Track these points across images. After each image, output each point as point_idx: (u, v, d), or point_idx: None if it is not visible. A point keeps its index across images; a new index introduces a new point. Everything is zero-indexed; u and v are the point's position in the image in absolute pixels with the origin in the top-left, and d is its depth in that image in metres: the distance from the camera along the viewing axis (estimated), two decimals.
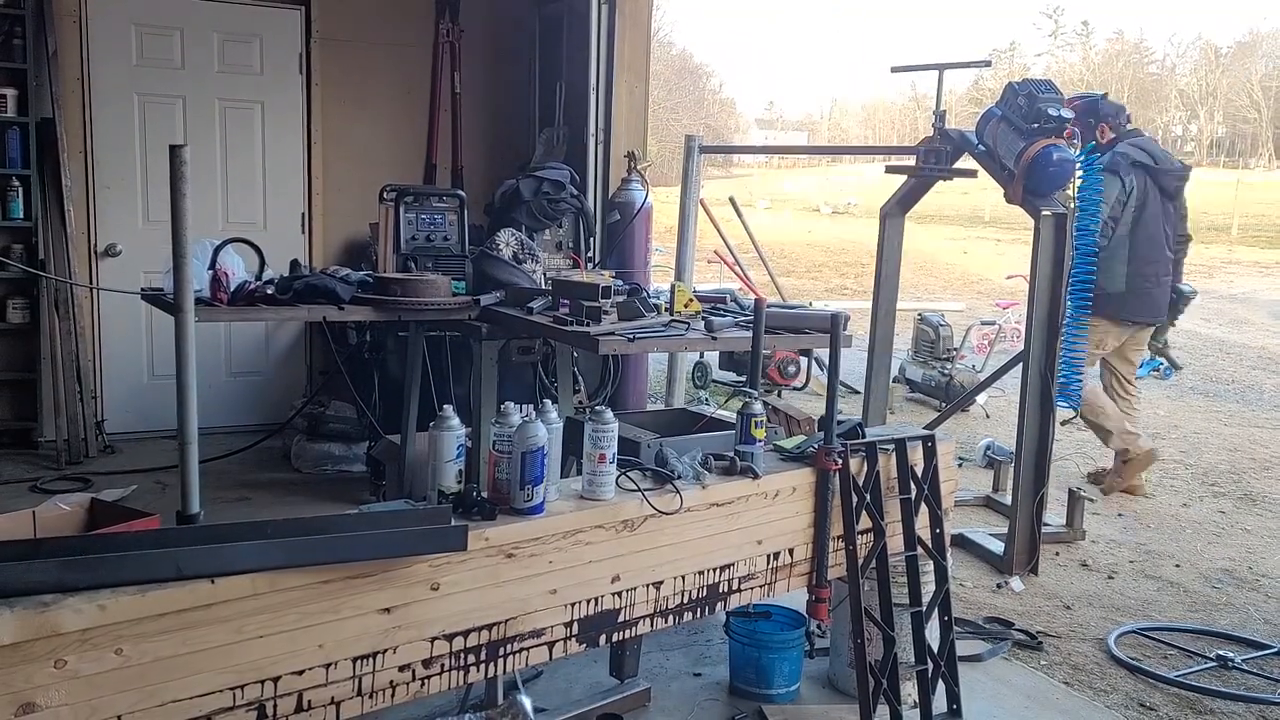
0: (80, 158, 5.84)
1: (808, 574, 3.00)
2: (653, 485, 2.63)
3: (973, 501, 5.68)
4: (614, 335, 3.71)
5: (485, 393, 4.11)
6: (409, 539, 2.15)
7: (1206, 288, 17.22)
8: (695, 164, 6.12)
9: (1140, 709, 3.52)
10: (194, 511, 3.01)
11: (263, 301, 3.92)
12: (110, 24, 5.86)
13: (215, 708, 1.98)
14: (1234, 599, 4.56)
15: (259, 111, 6.28)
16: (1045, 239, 4.53)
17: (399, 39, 6.52)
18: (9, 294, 5.73)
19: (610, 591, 2.55)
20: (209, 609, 1.94)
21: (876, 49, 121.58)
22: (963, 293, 16.30)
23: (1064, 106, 4.56)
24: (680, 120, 42.45)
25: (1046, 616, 4.25)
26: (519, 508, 2.36)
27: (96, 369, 5.93)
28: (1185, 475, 6.56)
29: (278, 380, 6.45)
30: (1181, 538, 5.37)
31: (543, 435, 2.37)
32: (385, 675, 2.21)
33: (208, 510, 3.23)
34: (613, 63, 5.96)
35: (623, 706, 3.19)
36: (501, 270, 4.35)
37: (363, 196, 6.27)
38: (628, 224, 5.72)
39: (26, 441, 5.85)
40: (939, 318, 8.70)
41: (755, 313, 3.31)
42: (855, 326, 7.73)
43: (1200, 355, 11.32)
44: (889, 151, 10.16)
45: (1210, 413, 8.46)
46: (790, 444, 3.08)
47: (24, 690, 1.76)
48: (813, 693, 3.46)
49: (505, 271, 4.35)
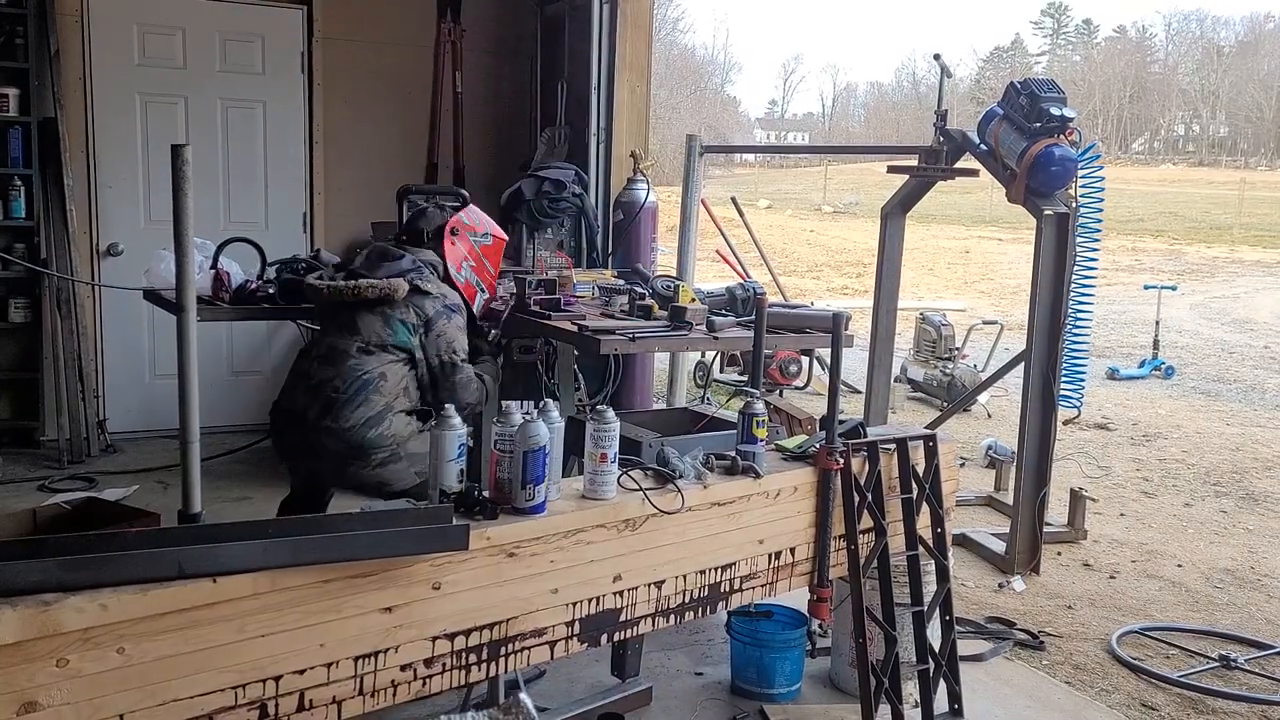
0: (82, 157, 5.84)
1: (809, 573, 3.00)
2: (654, 485, 2.63)
3: (974, 501, 5.68)
4: (615, 335, 3.71)
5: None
6: (410, 538, 2.15)
7: (1208, 287, 17.25)
8: (696, 164, 6.12)
9: (1142, 709, 3.52)
10: (196, 511, 3.01)
11: (264, 301, 3.92)
12: (112, 24, 5.85)
13: (217, 707, 1.98)
14: (1236, 599, 4.56)
15: (261, 111, 6.28)
16: (1048, 238, 4.53)
17: (401, 39, 6.52)
18: (11, 293, 5.73)
19: (612, 591, 2.55)
20: (211, 608, 1.94)
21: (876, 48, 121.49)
22: (964, 292, 16.29)
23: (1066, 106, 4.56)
24: (681, 119, 42.46)
25: (1048, 616, 4.25)
26: (520, 507, 2.36)
27: (98, 368, 5.93)
28: (1187, 475, 6.55)
29: (280, 379, 6.42)
30: (1183, 537, 5.37)
31: (544, 434, 2.37)
32: (387, 674, 2.21)
33: (209, 509, 3.23)
34: (614, 62, 5.96)
35: (624, 706, 3.19)
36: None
37: (364, 196, 6.28)
38: (631, 222, 5.73)
39: (29, 441, 5.85)
40: (940, 317, 8.71)
41: (757, 312, 3.31)
42: (857, 326, 7.75)
43: (1202, 355, 11.31)
44: (890, 151, 10.15)
45: (1212, 412, 8.46)
46: (792, 443, 3.08)
47: (26, 689, 1.76)
48: (814, 692, 3.46)
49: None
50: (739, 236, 9.63)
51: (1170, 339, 11.47)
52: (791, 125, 74.63)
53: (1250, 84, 57.16)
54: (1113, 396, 8.77)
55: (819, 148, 63.18)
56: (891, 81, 77.81)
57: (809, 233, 24.43)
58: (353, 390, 3.27)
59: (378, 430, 3.27)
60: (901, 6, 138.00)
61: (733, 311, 4.13)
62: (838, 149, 54.70)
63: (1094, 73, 61.50)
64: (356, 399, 3.26)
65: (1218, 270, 19.80)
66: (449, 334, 3.43)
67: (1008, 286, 16.58)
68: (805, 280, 16.70)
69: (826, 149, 55.95)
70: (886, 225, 5.32)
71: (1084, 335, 4.99)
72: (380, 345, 3.34)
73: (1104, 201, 4.79)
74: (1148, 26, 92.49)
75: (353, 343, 3.34)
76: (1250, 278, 18.89)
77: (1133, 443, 7.32)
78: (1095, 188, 4.76)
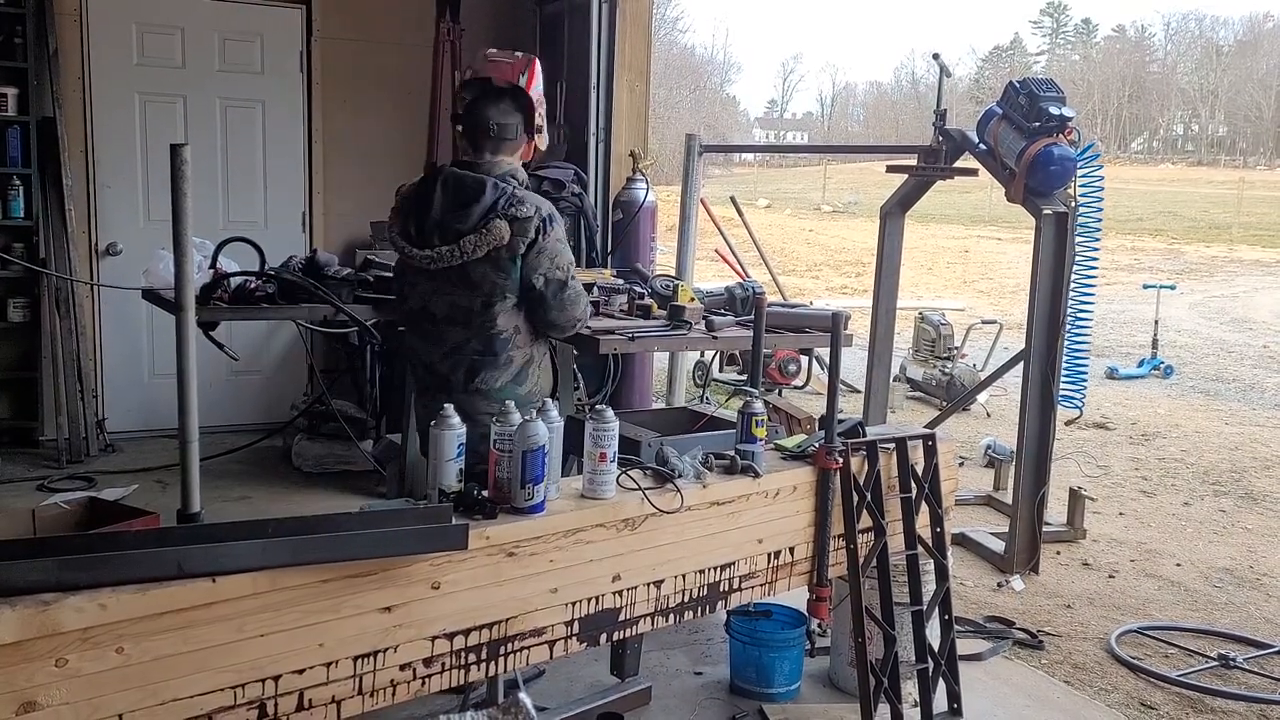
0: (81, 157, 5.83)
1: (808, 573, 3.00)
2: (653, 484, 2.63)
3: (974, 500, 5.68)
4: (614, 334, 3.71)
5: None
6: (409, 538, 2.15)
7: (1207, 287, 17.25)
8: (695, 163, 6.12)
9: (1141, 708, 3.52)
10: (195, 510, 3.01)
11: (264, 301, 3.91)
12: (111, 23, 5.85)
13: (216, 706, 1.98)
14: (1235, 598, 4.56)
15: (260, 110, 6.28)
16: (1047, 238, 4.53)
17: (400, 38, 6.51)
18: (10, 293, 5.73)
19: (611, 590, 2.55)
20: (210, 608, 1.94)
21: (876, 48, 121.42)
22: (963, 291, 16.29)
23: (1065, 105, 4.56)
24: (681, 119, 42.46)
25: (1047, 615, 4.25)
26: (520, 506, 2.36)
27: (97, 368, 5.93)
28: (1186, 474, 6.56)
29: (278, 379, 6.45)
30: (1182, 537, 5.37)
31: (543, 434, 2.37)
32: (386, 674, 2.20)
33: (208, 509, 3.23)
34: (613, 61, 5.96)
35: (623, 705, 3.19)
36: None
37: (363, 195, 6.27)
38: (630, 222, 5.73)
39: (28, 440, 5.85)
40: (939, 316, 8.71)
41: (756, 312, 3.31)
42: (856, 325, 7.74)
43: (1201, 354, 11.31)
44: (889, 151, 10.16)
45: (1211, 411, 8.46)
46: (791, 443, 3.08)
47: (25, 689, 1.76)
48: (813, 691, 3.46)
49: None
50: (738, 236, 9.63)
51: (1169, 338, 11.48)
52: (790, 125, 74.64)
53: (1249, 84, 57.19)
54: (1112, 396, 8.77)
55: (818, 147, 63.22)
56: (890, 81, 77.79)
57: (808, 232, 24.43)
58: (496, 349, 3.04)
59: (525, 387, 3.08)
60: (901, 6, 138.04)
61: (732, 311, 4.13)
62: (837, 149, 54.69)
63: (1093, 72, 61.55)
64: (499, 358, 3.04)
65: (1217, 270, 19.81)
66: (550, 248, 3.02)
67: (1007, 286, 16.58)
68: (804, 280, 16.70)
69: (826, 149, 55.92)
70: (885, 225, 5.33)
71: (1085, 335, 4.99)
72: (501, 293, 3.02)
73: (1103, 201, 4.79)
74: (1146, 26, 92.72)
75: (475, 298, 3.03)
76: (1249, 277, 18.91)
77: (1132, 442, 7.32)
78: (1094, 187, 4.76)
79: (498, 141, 3.07)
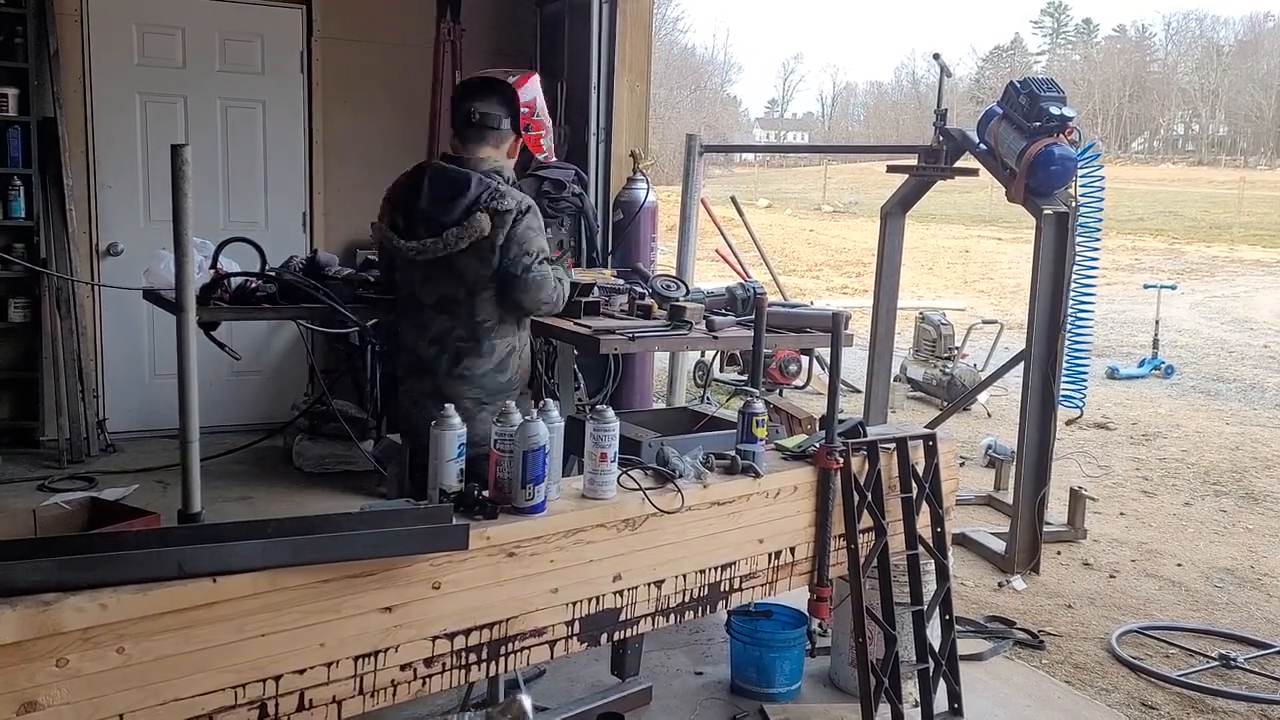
0: (82, 157, 5.84)
1: (809, 573, 3.00)
2: (654, 484, 2.63)
3: (974, 500, 5.68)
4: (615, 334, 3.71)
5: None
6: (410, 538, 2.15)
7: (1208, 287, 17.25)
8: (696, 163, 6.11)
9: (1142, 708, 3.52)
10: (195, 510, 3.01)
11: (264, 301, 3.91)
12: (112, 23, 5.85)
13: (217, 706, 1.98)
14: (1236, 598, 4.56)
15: (260, 111, 6.28)
16: (1047, 238, 4.53)
17: (400, 38, 6.52)
18: (10, 293, 5.73)
19: (611, 590, 2.55)
20: (210, 608, 1.94)
21: (876, 48, 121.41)
22: (964, 291, 16.29)
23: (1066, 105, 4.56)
24: (681, 119, 42.47)
25: (1048, 615, 4.25)
26: (520, 507, 2.36)
27: (98, 368, 5.93)
28: (1187, 474, 6.55)
29: (279, 379, 6.45)
30: (1183, 537, 5.37)
31: (544, 434, 2.36)
32: (387, 674, 2.21)
33: (209, 509, 3.23)
34: (614, 61, 5.96)
35: (624, 705, 3.19)
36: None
37: (364, 195, 6.25)
38: (631, 222, 5.73)
39: (28, 440, 5.85)
40: (940, 316, 8.71)
41: (756, 312, 3.31)
42: (856, 325, 7.75)
43: (1202, 354, 11.31)
44: (890, 150, 10.16)
45: (1212, 411, 8.46)
46: (792, 443, 3.08)
47: (26, 689, 1.76)
48: (814, 691, 3.46)
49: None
50: (739, 236, 9.63)
51: (1170, 338, 11.47)
52: (791, 125, 74.65)
53: (1250, 83, 57.19)
54: (1112, 396, 8.77)
55: (819, 147, 63.17)
56: (891, 81, 77.86)
57: (808, 232, 24.42)
58: (478, 336, 3.15)
59: (506, 375, 3.20)
60: (901, 6, 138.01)
61: (733, 311, 4.13)
62: (837, 149, 54.67)
63: (1093, 72, 61.55)
64: (482, 346, 3.16)
65: (1217, 269, 19.80)
66: (520, 235, 3.11)
67: (1007, 286, 16.58)
68: (805, 280, 16.70)
69: (826, 148, 55.90)
70: (886, 225, 5.33)
71: (1085, 335, 4.99)
72: (484, 283, 3.13)
73: (1104, 201, 4.79)
74: (1147, 26, 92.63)
75: (459, 288, 3.15)
76: (1250, 277, 18.90)
77: (1132, 442, 7.32)
78: (1095, 187, 4.76)
79: (481, 131, 3.17)
